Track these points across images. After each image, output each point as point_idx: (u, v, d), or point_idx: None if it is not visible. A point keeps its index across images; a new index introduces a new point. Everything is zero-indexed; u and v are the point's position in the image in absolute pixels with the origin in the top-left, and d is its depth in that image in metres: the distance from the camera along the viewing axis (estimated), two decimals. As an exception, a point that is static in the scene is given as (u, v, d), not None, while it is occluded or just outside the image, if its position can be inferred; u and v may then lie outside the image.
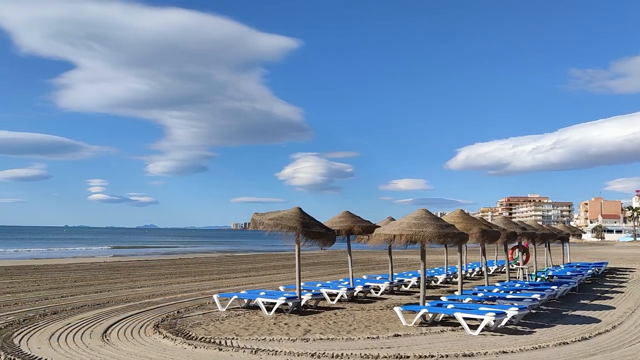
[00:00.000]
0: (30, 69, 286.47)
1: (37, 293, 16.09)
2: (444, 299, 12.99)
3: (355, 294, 15.19)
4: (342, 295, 14.62)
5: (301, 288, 13.31)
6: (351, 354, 8.25)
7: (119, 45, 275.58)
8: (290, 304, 12.49)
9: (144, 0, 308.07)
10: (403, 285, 18.07)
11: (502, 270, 26.15)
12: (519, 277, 20.20)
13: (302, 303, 13.03)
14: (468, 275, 23.19)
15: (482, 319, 10.22)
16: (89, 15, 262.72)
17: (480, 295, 13.67)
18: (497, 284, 16.60)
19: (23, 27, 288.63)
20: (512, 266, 22.84)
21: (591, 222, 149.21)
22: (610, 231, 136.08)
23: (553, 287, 15.34)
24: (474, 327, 10.23)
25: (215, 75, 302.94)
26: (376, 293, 16.47)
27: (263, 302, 12.54)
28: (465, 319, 10.37)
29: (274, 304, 12.35)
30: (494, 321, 10.34)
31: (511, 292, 14.41)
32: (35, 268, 26.90)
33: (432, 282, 19.94)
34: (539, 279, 19.19)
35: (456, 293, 14.12)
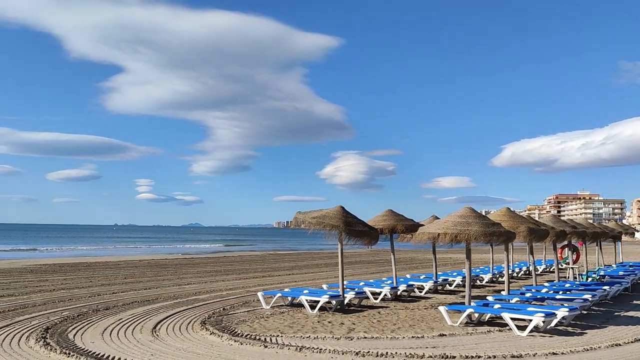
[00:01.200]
0: (81, 73, 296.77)
1: (89, 289, 16.69)
2: (490, 298, 12.76)
3: (398, 292, 15.10)
4: (385, 294, 14.55)
5: (344, 286, 13.31)
6: (396, 353, 8.21)
7: (163, 48, 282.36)
8: (334, 302, 12.52)
9: (187, 3, 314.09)
10: (447, 285, 17.83)
11: (551, 269, 25.47)
12: (568, 277, 19.61)
13: (346, 301, 13.04)
14: (515, 274, 22.67)
15: (530, 320, 9.99)
16: (135, 19, 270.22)
17: (528, 295, 13.36)
18: (546, 284, 16.17)
19: (73, 33, 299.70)
20: (562, 266, 22.17)
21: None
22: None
23: (605, 287, 14.83)
24: (522, 328, 10.01)
25: (257, 76, 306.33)
26: (420, 292, 16.32)
27: (306, 300, 12.61)
28: (513, 319, 10.15)
29: (318, 302, 12.41)
30: (543, 322, 10.08)
31: (561, 292, 14.01)
32: (88, 265, 27.90)
33: (478, 281, 19.61)
34: (589, 279, 18.58)
35: (503, 293, 13.84)
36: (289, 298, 13.49)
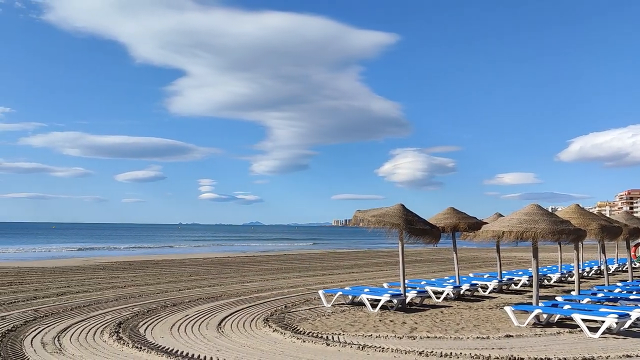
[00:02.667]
0: (145, 78, 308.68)
1: (157, 286, 17.32)
2: (559, 299, 12.30)
3: (461, 292, 14.79)
4: (448, 294, 14.30)
5: (405, 285, 13.19)
6: (460, 353, 8.05)
7: (221, 51, 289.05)
8: (395, 301, 12.42)
9: (243, 6, 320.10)
10: (513, 284, 17.31)
11: (624, 269, 24.23)
12: (644, 277, 18.60)
13: (407, 300, 12.92)
14: (585, 274, 21.71)
15: (603, 321, 9.54)
16: (195, 24, 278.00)
17: (600, 295, 12.78)
18: (619, 284, 15.41)
19: (137, 40, 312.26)
20: (635, 265, 21.06)
21: None
22: None
23: (685, 288, 13.97)
24: (593, 330, 9.58)
25: (313, 75, 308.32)
26: (484, 292, 15.92)
27: (368, 299, 12.58)
28: (584, 320, 9.74)
29: (379, 300, 12.36)
30: (617, 323, 9.61)
31: (635, 293, 13.33)
32: (155, 263, 28.98)
33: (545, 281, 18.93)
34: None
35: (573, 293, 13.31)
36: (350, 296, 13.50)
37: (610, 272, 23.14)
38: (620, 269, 24.75)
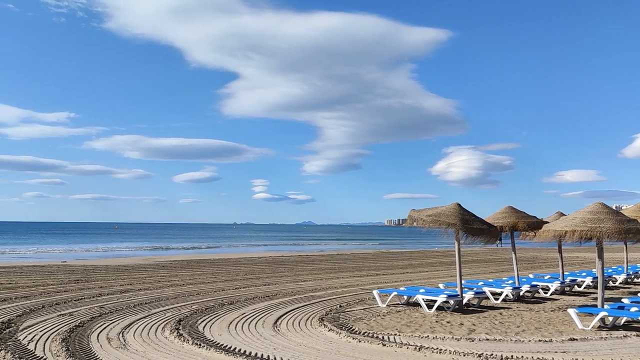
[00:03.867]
0: (200, 82, 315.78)
1: (214, 284, 17.71)
2: (626, 301, 11.75)
3: (521, 293, 14.36)
4: (507, 295, 13.91)
5: (462, 286, 12.92)
6: (522, 357, 7.81)
7: (273, 53, 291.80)
8: (452, 302, 12.20)
9: (294, 7, 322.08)
10: (576, 286, 16.65)
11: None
12: None
13: (464, 301, 12.66)
14: (654, 275, 20.62)
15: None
16: (247, 27, 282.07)
17: (671, 298, 12.11)
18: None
19: (192, 44, 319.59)
20: None
21: None
22: None
23: None
24: (666, 335, 9.09)
25: (365, 75, 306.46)
26: (545, 293, 15.41)
27: (423, 299, 12.42)
28: (654, 324, 9.25)
29: (435, 301, 12.17)
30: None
31: None
32: (212, 262, 29.65)
33: (610, 282, 18.11)
34: None
35: (641, 295, 12.66)
36: (405, 297, 13.36)
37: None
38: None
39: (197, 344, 8.56)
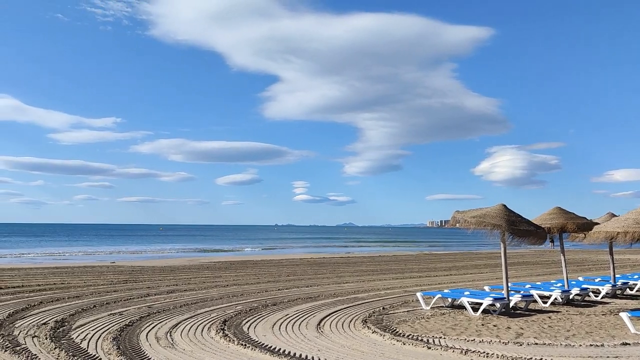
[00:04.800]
0: (241, 85, 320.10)
1: (258, 285, 17.91)
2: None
3: (570, 296, 13.94)
4: (555, 298, 13.53)
5: (509, 289, 12.64)
6: (572, 362, 7.58)
7: (313, 56, 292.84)
8: (498, 305, 11.95)
9: (332, 10, 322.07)
10: (628, 289, 16.04)
11: None
12: None
13: (511, 305, 12.38)
14: None
15: None
16: (286, 31, 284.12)
17: None
18: None
19: (233, 49, 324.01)
20: None
21: None
22: None
23: None
24: None
25: (404, 75, 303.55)
26: (595, 296, 14.90)
27: (468, 302, 12.21)
28: None
29: (480, 304, 11.94)
30: None
31: None
32: (254, 263, 29.99)
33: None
34: None
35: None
36: (449, 299, 13.17)
37: None
38: None
39: (242, 345, 8.67)
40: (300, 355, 8.02)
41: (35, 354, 7.87)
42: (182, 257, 39.03)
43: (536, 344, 8.91)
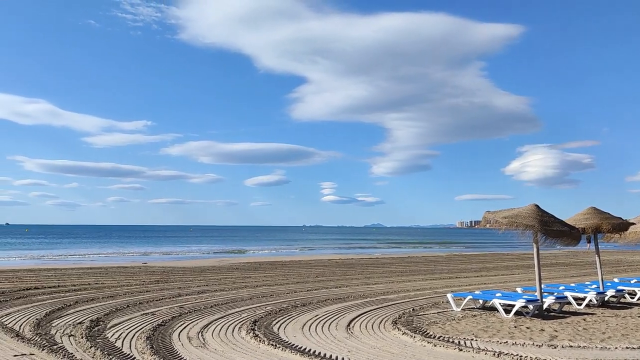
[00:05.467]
0: (269, 87, 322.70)
1: (287, 286, 17.98)
2: None
3: (606, 298, 13.61)
4: (590, 300, 13.24)
5: (542, 290, 12.41)
6: (609, 365, 7.41)
7: (339, 56, 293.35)
8: (531, 306, 11.75)
9: (359, 10, 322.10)
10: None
11: None
12: None
13: (544, 306, 12.15)
14: None
15: None
16: (312, 32, 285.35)
17: None
18: None
19: (260, 51, 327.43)
20: None
21: None
22: None
23: None
24: None
25: (431, 74, 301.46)
26: (632, 298, 14.53)
27: (500, 304, 12.03)
28: None
29: (513, 306, 11.76)
30: None
31: None
32: (283, 264, 30.12)
33: None
34: None
35: None
36: (481, 301, 13.01)
37: None
38: None
39: (272, 345, 8.72)
40: (331, 356, 8.03)
41: (72, 353, 8.07)
42: (212, 257, 39.46)
43: (571, 346, 8.73)
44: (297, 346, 8.70)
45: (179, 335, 9.60)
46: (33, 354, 8.01)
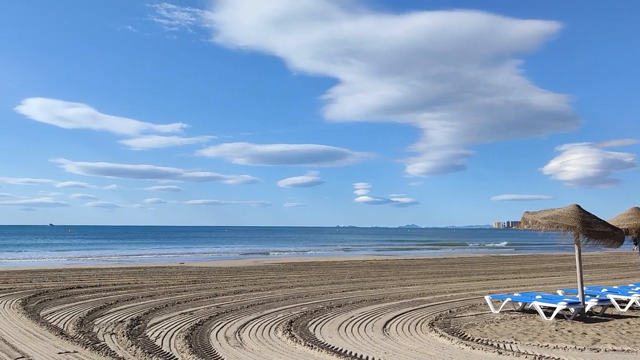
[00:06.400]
0: (302, 89, 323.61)
1: (321, 287, 18.01)
2: None
3: (651, 301, 13.15)
4: (634, 303, 12.82)
5: (584, 293, 12.09)
6: (656, 371, 7.16)
7: (372, 57, 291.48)
8: (572, 309, 11.45)
9: (391, 10, 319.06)
10: None
11: None
12: None
13: (586, 309, 11.83)
14: None
15: None
16: (345, 33, 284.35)
17: None
18: None
19: (293, 53, 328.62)
20: None
21: None
22: None
23: None
24: None
25: (465, 73, 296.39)
26: (680, 302, 13.98)
27: (541, 307, 11.77)
28: None
29: (553, 308, 11.49)
30: None
31: None
32: (317, 264, 30.19)
33: None
34: None
35: None
36: (520, 303, 12.75)
37: None
38: None
39: (309, 345, 8.75)
40: (367, 357, 8.00)
41: (114, 351, 8.27)
42: (247, 258, 39.86)
43: (614, 350, 8.48)
44: (333, 347, 8.71)
45: (216, 334, 9.73)
46: (77, 352, 8.25)
